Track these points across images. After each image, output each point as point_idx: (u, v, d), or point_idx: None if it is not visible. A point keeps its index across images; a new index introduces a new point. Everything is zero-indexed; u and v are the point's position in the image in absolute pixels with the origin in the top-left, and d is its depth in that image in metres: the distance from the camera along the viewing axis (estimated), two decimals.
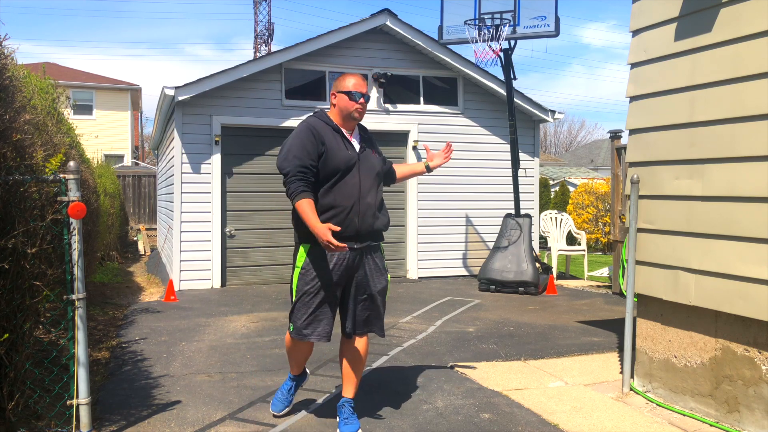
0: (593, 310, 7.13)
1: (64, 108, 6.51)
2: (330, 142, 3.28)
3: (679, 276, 3.75)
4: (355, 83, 3.38)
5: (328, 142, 3.28)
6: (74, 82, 25.73)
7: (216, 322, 6.28)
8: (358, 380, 3.51)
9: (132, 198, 18.53)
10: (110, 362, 4.82)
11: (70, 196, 3.11)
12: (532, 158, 10.17)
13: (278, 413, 3.64)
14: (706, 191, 3.60)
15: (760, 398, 3.34)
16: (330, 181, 3.28)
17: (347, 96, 3.37)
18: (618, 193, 8.34)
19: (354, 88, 3.37)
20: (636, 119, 4.12)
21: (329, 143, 3.28)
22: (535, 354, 5.13)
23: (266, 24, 37.13)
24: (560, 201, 18.28)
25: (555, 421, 3.63)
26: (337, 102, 3.40)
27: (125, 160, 26.40)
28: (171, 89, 8.13)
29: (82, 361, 3.18)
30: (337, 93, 3.41)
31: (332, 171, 3.27)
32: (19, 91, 3.44)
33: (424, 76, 9.69)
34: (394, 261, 9.62)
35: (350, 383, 3.49)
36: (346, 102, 3.37)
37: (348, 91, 3.37)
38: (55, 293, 3.29)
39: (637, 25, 4.11)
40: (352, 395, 3.49)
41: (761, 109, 3.28)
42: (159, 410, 3.75)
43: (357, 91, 3.36)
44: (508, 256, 8.27)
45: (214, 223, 8.56)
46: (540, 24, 8.19)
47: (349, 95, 3.36)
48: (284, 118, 8.88)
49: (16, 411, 3.07)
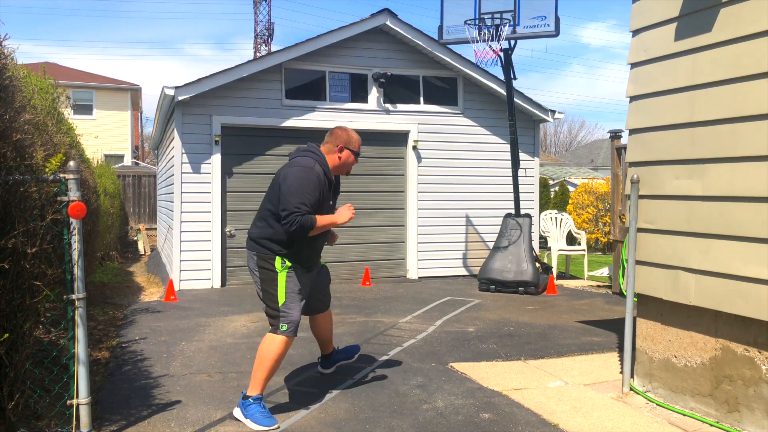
0: (593, 310, 7.13)
1: (64, 108, 6.51)
2: (324, 195, 3.76)
3: (679, 276, 3.75)
4: (360, 144, 4.00)
5: (323, 195, 3.75)
6: (74, 82, 25.72)
7: (216, 321, 6.28)
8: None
9: (132, 198, 18.53)
10: (110, 362, 4.82)
11: (70, 195, 3.11)
12: (532, 158, 10.17)
13: (275, 425, 3.53)
14: (707, 191, 3.60)
15: (760, 398, 3.34)
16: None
17: (354, 155, 3.93)
18: (618, 193, 8.34)
19: (359, 150, 3.98)
20: (636, 119, 4.12)
21: (323, 195, 3.75)
22: (535, 354, 5.13)
23: (266, 24, 37.11)
24: (560, 201, 18.28)
25: (555, 421, 3.63)
26: (343, 157, 3.88)
27: (125, 160, 26.39)
28: (171, 89, 8.13)
29: (82, 360, 3.18)
30: (345, 149, 3.88)
31: (315, 211, 3.71)
32: (19, 91, 3.44)
33: (424, 76, 9.69)
34: (394, 261, 9.63)
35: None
36: (351, 160, 3.93)
37: (356, 151, 3.93)
38: (55, 293, 3.29)
39: (637, 25, 4.11)
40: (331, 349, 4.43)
41: (761, 109, 3.28)
42: (159, 410, 3.75)
43: (359, 152, 3.98)
44: (508, 256, 8.27)
45: (214, 222, 8.56)
46: (540, 24, 8.19)
47: (355, 155, 3.94)
48: (284, 118, 8.88)
49: (16, 411, 3.07)
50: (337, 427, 3.52)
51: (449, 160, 9.70)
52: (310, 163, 3.71)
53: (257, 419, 3.52)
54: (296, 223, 3.53)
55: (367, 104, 9.34)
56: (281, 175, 3.72)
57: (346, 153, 3.87)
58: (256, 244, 3.76)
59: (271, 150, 8.95)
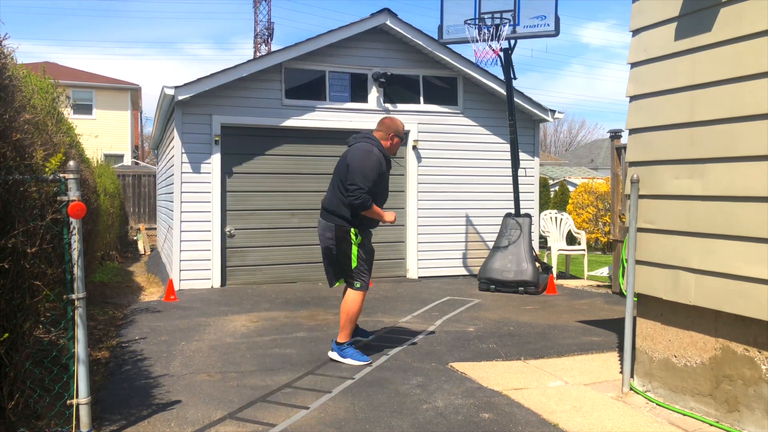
0: (593, 309, 7.13)
1: (64, 107, 6.50)
2: (383, 173, 4.80)
3: (679, 275, 3.75)
4: (404, 129, 5.06)
5: (382, 172, 4.78)
6: (74, 81, 25.71)
7: (216, 321, 6.28)
8: None
9: (132, 198, 18.52)
10: (110, 362, 4.82)
11: (70, 195, 3.10)
12: (532, 158, 10.17)
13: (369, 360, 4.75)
14: (707, 191, 3.60)
15: (760, 398, 3.34)
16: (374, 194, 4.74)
17: (400, 140, 4.97)
18: (618, 193, 8.34)
19: (403, 135, 5.05)
20: (636, 119, 4.12)
21: (383, 172, 4.79)
22: (535, 354, 5.13)
23: (266, 23, 37.13)
24: (560, 201, 18.29)
25: (555, 421, 3.63)
26: (394, 142, 4.92)
27: (125, 160, 26.39)
28: (171, 89, 8.13)
29: (82, 360, 3.18)
30: (394, 136, 4.90)
31: (379, 190, 4.79)
32: (19, 90, 3.44)
33: (424, 76, 9.69)
34: (394, 260, 9.63)
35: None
36: (398, 143, 4.97)
37: (402, 136, 4.99)
38: (55, 293, 3.29)
39: (637, 24, 4.11)
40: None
41: (761, 109, 3.28)
42: (159, 410, 3.75)
43: (403, 136, 5.04)
44: (508, 256, 8.27)
45: (214, 222, 8.56)
46: (540, 24, 8.19)
47: (401, 139, 4.98)
48: (284, 117, 8.88)
49: (16, 410, 3.07)
50: (337, 426, 3.52)
51: (449, 160, 9.70)
52: (369, 148, 4.74)
53: (355, 357, 4.73)
54: (360, 198, 4.56)
55: (367, 104, 9.34)
56: (348, 157, 4.74)
57: (396, 139, 4.92)
58: (335, 216, 4.74)
59: (271, 150, 8.95)
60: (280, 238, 8.99)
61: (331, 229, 4.75)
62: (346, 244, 4.72)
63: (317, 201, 9.27)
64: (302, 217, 9.08)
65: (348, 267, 4.75)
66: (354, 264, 4.71)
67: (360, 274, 4.75)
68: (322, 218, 4.86)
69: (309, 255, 9.09)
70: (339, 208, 4.71)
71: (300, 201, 9.08)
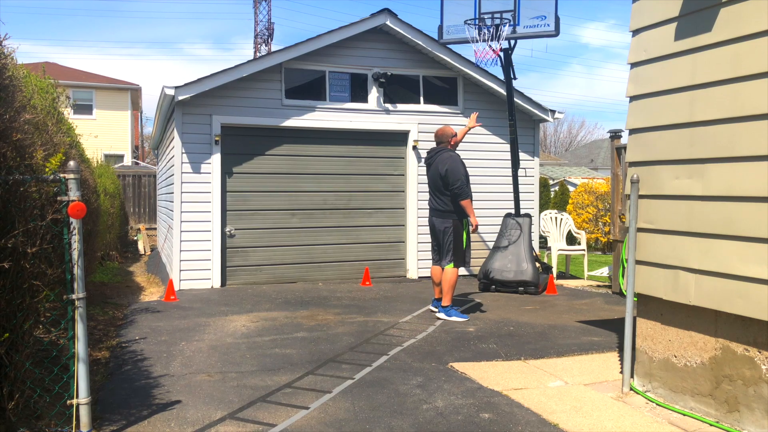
0: (593, 309, 7.13)
1: (64, 108, 6.50)
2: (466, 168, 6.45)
3: (679, 276, 3.75)
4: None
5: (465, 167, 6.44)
6: (74, 81, 25.72)
7: (216, 321, 6.28)
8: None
9: (132, 198, 18.53)
10: (110, 362, 4.83)
11: (70, 195, 3.11)
12: (532, 158, 10.17)
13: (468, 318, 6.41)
14: (706, 191, 3.60)
15: (760, 398, 3.34)
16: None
17: (457, 139, 6.59)
18: (618, 193, 8.34)
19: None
20: (636, 119, 4.12)
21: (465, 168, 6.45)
22: (535, 354, 5.13)
23: (266, 24, 37.14)
24: (560, 201, 18.28)
25: (555, 421, 3.63)
26: (453, 144, 6.52)
27: (125, 160, 26.39)
28: (171, 89, 8.13)
29: (82, 360, 3.18)
30: (451, 138, 6.48)
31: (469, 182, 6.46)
32: (19, 90, 3.44)
33: (424, 76, 9.69)
34: (394, 261, 9.63)
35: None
36: (458, 144, 6.60)
37: (454, 134, 6.57)
38: (55, 293, 3.29)
39: (637, 24, 4.11)
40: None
41: (761, 109, 3.28)
42: (159, 410, 3.75)
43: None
44: (508, 256, 8.27)
45: (214, 222, 8.56)
46: (540, 24, 8.19)
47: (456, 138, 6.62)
48: (284, 117, 8.88)
49: (17, 410, 3.07)
50: (337, 426, 3.52)
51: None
52: (453, 153, 6.35)
53: (458, 315, 6.36)
54: (461, 188, 6.16)
55: (367, 104, 9.34)
56: (439, 166, 6.27)
57: (453, 140, 6.50)
58: (452, 213, 6.28)
59: (271, 150, 8.95)
60: (281, 238, 8.99)
61: (449, 223, 6.26)
62: (459, 231, 6.28)
63: (317, 201, 9.32)
64: (302, 217, 9.08)
65: (459, 248, 6.29)
66: (464, 245, 6.32)
67: (462, 254, 6.34)
68: (436, 218, 6.35)
69: (309, 255, 9.09)
70: (450, 207, 6.26)
71: (300, 201, 9.08)
